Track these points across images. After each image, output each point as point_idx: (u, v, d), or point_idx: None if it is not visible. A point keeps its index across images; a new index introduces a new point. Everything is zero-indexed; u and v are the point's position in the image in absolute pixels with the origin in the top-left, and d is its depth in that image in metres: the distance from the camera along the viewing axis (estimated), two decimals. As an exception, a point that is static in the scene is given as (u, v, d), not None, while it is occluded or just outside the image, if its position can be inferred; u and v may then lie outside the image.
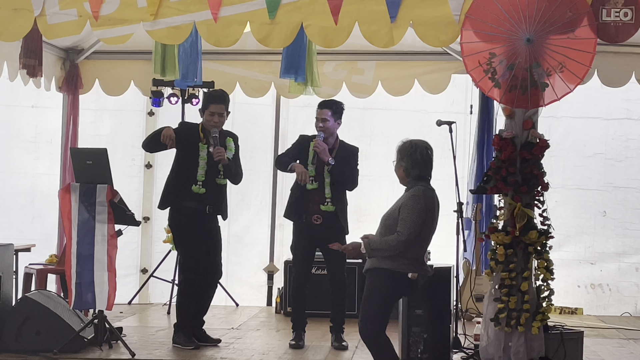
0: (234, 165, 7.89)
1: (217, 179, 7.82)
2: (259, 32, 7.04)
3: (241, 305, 10.31)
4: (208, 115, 7.80)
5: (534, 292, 6.74)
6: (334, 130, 8.06)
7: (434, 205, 6.51)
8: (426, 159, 6.56)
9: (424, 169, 6.56)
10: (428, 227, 6.45)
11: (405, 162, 6.54)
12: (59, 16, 7.09)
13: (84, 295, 7.28)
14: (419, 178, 6.53)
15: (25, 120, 10.82)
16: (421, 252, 6.49)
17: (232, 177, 7.92)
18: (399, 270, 6.36)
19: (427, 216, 6.41)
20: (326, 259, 8.08)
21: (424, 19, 6.90)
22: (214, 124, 7.78)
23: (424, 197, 6.43)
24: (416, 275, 6.40)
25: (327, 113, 8.01)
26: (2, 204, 10.75)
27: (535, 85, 6.64)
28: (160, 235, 10.37)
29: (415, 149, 6.54)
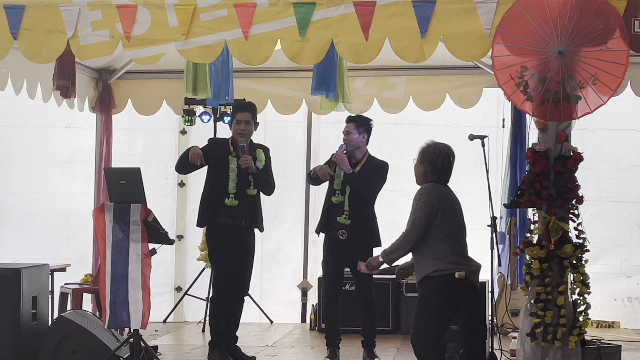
0: (264, 175, 7.90)
1: (247, 190, 7.83)
2: (290, 50, 7.06)
3: (275, 322, 10.31)
4: (235, 124, 7.86)
5: (570, 307, 6.69)
6: (358, 144, 8.05)
7: (446, 198, 6.44)
8: (447, 166, 6.53)
9: (442, 175, 6.53)
10: (446, 220, 6.38)
11: (425, 167, 6.52)
12: (92, 37, 7.14)
13: (119, 314, 7.30)
14: (435, 182, 6.50)
15: (59, 141, 10.92)
16: (457, 249, 6.42)
17: (263, 187, 7.93)
18: (443, 271, 6.30)
19: (438, 207, 6.35)
20: (353, 276, 8.06)
21: (454, 34, 6.87)
22: (240, 131, 7.82)
23: (429, 190, 6.40)
24: (463, 274, 6.32)
25: (351, 126, 8.04)
26: (38, 224, 10.84)
27: (567, 98, 6.60)
28: (194, 253, 10.39)
29: (437, 155, 6.51)
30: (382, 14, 6.89)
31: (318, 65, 8.55)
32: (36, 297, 7.77)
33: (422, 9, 6.85)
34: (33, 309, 7.73)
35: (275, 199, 10.04)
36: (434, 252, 6.35)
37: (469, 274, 6.37)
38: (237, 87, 9.53)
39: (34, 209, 10.87)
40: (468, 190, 10.22)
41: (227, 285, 7.79)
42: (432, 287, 6.31)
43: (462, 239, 6.51)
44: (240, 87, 9.73)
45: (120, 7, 7.08)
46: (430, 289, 6.33)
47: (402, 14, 6.88)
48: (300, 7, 6.97)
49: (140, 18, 7.08)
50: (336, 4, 6.96)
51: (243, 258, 7.85)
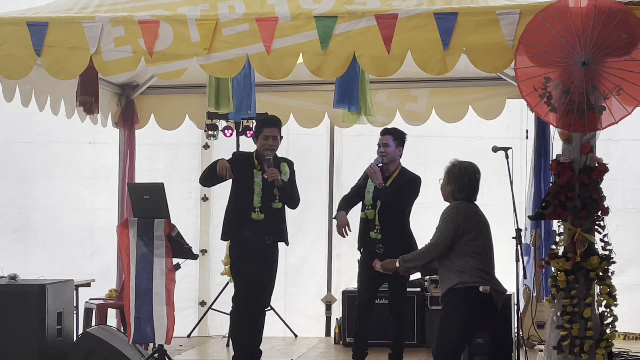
0: (289, 188, 7.89)
1: (273, 204, 7.82)
2: (312, 63, 7.05)
3: (300, 336, 10.28)
4: (262, 139, 7.83)
5: (597, 319, 6.64)
6: (394, 157, 8.04)
7: (474, 216, 6.45)
8: (473, 184, 6.55)
9: (470, 193, 6.54)
10: (473, 238, 6.36)
11: (453, 186, 6.53)
12: (114, 53, 7.16)
13: (143, 330, 7.31)
14: (464, 200, 6.50)
15: (83, 157, 10.97)
16: (484, 264, 6.39)
17: (288, 201, 7.91)
18: (467, 284, 6.28)
19: (465, 224, 6.35)
20: (389, 289, 8.02)
21: (477, 45, 6.84)
22: (268, 147, 7.81)
23: (457, 207, 6.42)
24: (488, 289, 6.29)
25: (389, 139, 8.03)
26: (62, 239, 10.88)
27: (592, 109, 6.56)
28: (218, 268, 10.39)
29: (464, 174, 6.52)
30: (404, 27, 6.87)
31: (340, 78, 8.54)
32: (61, 313, 7.81)
33: (444, 20, 6.82)
34: (58, 325, 7.76)
35: (299, 212, 10.01)
36: (459, 266, 6.34)
37: (493, 292, 6.34)
38: (260, 101, 9.53)
39: (58, 224, 10.92)
40: (492, 202, 10.15)
41: (246, 299, 7.76)
42: (456, 299, 6.29)
43: (489, 258, 6.48)
44: (262, 101, 9.74)
45: (143, 22, 7.10)
46: (453, 301, 6.31)
47: (424, 26, 6.86)
48: (322, 20, 6.96)
49: (162, 33, 7.09)
50: (358, 17, 6.95)
51: (264, 272, 7.83)
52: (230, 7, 7.17)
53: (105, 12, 7.25)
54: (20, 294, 7.71)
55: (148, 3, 7.36)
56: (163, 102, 10.42)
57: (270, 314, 9.60)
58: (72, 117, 9.31)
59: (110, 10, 7.27)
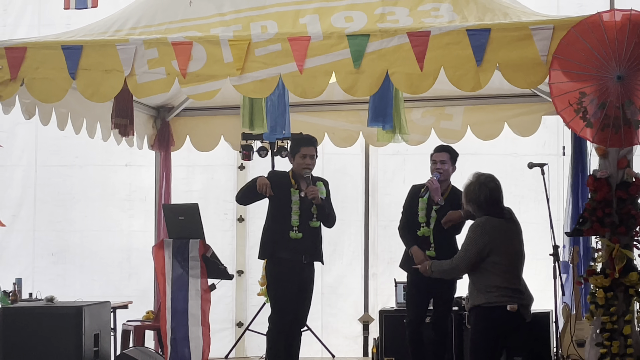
0: (327, 206, 7.88)
1: (310, 222, 7.81)
2: (345, 82, 7.04)
3: (337, 356, 10.23)
4: (300, 159, 7.83)
5: (637, 336, 6.54)
6: (449, 174, 8.04)
7: (498, 232, 6.37)
8: (492, 199, 6.47)
9: (491, 209, 6.46)
10: (499, 254, 6.30)
11: (472, 206, 6.50)
12: (148, 75, 7.20)
13: (180, 351, 7.32)
14: (489, 215, 6.45)
15: (119, 179, 11.02)
16: (511, 281, 6.33)
17: (325, 219, 7.91)
18: (494, 304, 6.23)
19: (489, 243, 6.28)
20: (434, 307, 7.98)
21: (510, 61, 6.79)
22: (306, 166, 7.81)
23: (483, 225, 6.35)
24: (516, 307, 6.24)
25: (446, 156, 8.03)
26: (100, 262, 10.93)
27: (628, 124, 6.49)
28: (255, 289, 10.38)
29: (480, 191, 6.47)
30: (437, 44, 6.85)
31: (374, 96, 8.51)
32: (98, 335, 7.83)
33: (477, 37, 6.79)
34: (95, 347, 7.79)
35: (335, 232, 9.99)
36: (486, 285, 6.29)
37: (521, 307, 6.30)
38: (294, 121, 9.52)
39: (96, 247, 10.97)
40: (530, 220, 10.05)
41: (283, 319, 7.74)
42: (484, 319, 6.25)
43: (517, 271, 6.42)
44: (296, 121, 9.74)
45: (176, 44, 7.14)
46: (481, 322, 6.26)
47: (457, 42, 6.83)
48: (354, 39, 6.96)
49: (195, 55, 7.12)
50: (390, 35, 6.93)
51: (301, 292, 7.81)
52: (263, 27, 7.20)
53: (139, 34, 7.31)
54: (57, 315, 7.75)
55: (181, 25, 7.40)
56: (198, 124, 10.46)
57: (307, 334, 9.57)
58: (108, 140, 9.36)
59: (144, 33, 7.33)
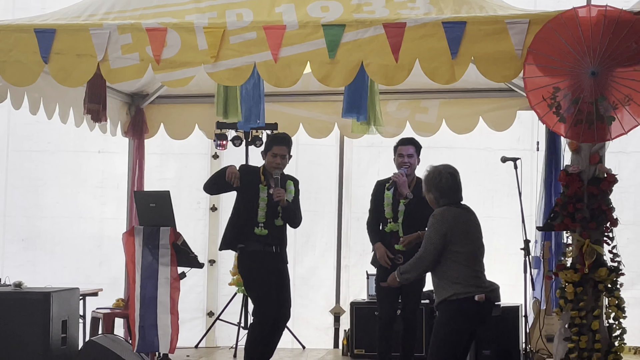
0: (293, 208, 7.85)
1: (275, 220, 7.78)
2: (319, 72, 7.01)
3: (308, 347, 10.22)
4: (270, 157, 7.79)
5: (605, 331, 6.56)
6: (415, 167, 8.03)
7: (459, 221, 6.31)
8: (453, 185, 6.41)
9: (452, 195, 6.40)
10: (462, 243, 6.25)
11: (434, 193, 6.43)
12: (122, 60, 7.14)
13: (148, 338, 7.28)
14: (448, 204, 6.40)
15: (92, 166, 10.95)
16: (476, 271, 6.29)
17: (290, 220, 7.87)
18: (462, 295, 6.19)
19: (451, 232, 6.23)
20: (402, 300, 7.96)
21: (485, 55, 6.79)
22: (275, 165, 7.77)
23: (442, 215, 6.30)
24: (483, 297, 6.20)
25: (412, 149, 8.02)
26: (70, 249, 10.86)
27: (601, 119, 6.50)
28: (226, 278, 10.35)
29: (440, 178, 6.40)
30: (412, 36, 6.83)
31: (349, 87, 8.50)
32: (66, 321, 7.78)
33: (453, 30, 6.78)
34: (63, 333, 7.73)
35: (308, 223, 9.98)
36: (452, 276, 6.23)
37: (488, 294, 6.26)
38: (269, 111, 9.48)
39: (67, 233, 10.90)
40: (502, 214, 10.14)
41: (268, 312, 7.67)
42: (452, 310, 6.19)
43: (479, 262, 6.37)
44: (272, 111, 9.70)
45: (150, 30, 7.08)
46: (449, 312, 6.20)
47: (433, 35, 6.82)
48: (329, 29, 6.93)
49: (170, 41, 7.07)
50: (366, 26, 6.91)
51: (280, 283, 7.77)
52: (238, 15, 7.15)
53: (113, 19, 7.25)
54: (25, 301, 7.69)
55: (156, 11, 7.34)
56: (173, 112, 10.40)
57: (278, 325, 9.57)
58: (81, 126, 9.29)
59: (118, 18, 7.26)
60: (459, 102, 9.98)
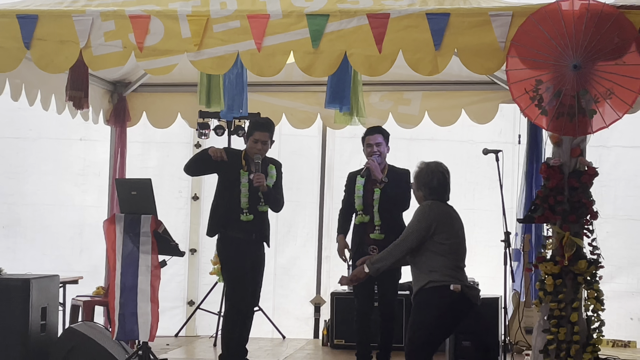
0: (274, 193, 7.85)
1: (258, 206, 7.78)
2: (303, 62, 7.01)
3: (288, 337, 10.23)
4: (252, 142, 7.79)
5: (583, 323, 6.59)
6: (385, 155, 8.02)
7: (445, 215, 6.36)
8: (443, 184, 6.48)
9: (441, 193, 6.47)
10: (444, 237, 6.27)
11: (423, 191, 6.48)
12: (104, 47, 7.11)
13: (127, 326, 7.26)
14: (436, 200, 6.44)
15: (73, 153, 10.91)
16: (455, 263, 6.31)
17: (272, 205, 7.88)
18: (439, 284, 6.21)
19: (436, 223, 6.26)
20: (379, 290, 7.96)
21: (468, 47, 6.81)
22: (257, 150, 7.77)
23: (430, 206, 6.35)
24: (459, 287, 6.21)
25: (380, 137, 8.00)
26: (51, 236, 10.83)
27: (583, 113, 6.53)
28: (207, 267, 10.35)
29: (432, 176, 6.46)
30: (396, 26, 6.84)
31: (332, 78, 8.49)
32: (45, 308, 7.75)
33: (436, 21, 6.79)
34: (42, 320, 7.71)
35: (289, 213, 10.00)
36: (430, 265, 6.26)
37: (465, 288, 6.27)
38: (252, 100, 9.47)
39: (48, 221, 10.86)
40: (483, 207, 10.17)
41: (241, 297, 7.71)
42: (426, 299, 6.21)
43: (461, 257, 6.40)
44: (255, 100, 9.69)
45: (133, 17, 7.06)
46: (425, 301, 6.22)
47: (416, 26, 6.83)
48: (313, 18, 6.93)
49: (153, 29, 7.05)
50: (350, 16, 6.91)
51: (254, 271, 7.81)
52: (222, 3, 7.13)
53: (96, 6, 7.21)
54: (5, 287, 7.65)
55: (139, -2, 7.33)
56: (155, 100, 10.37)
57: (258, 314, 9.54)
58: (63, 113, 9.24)
59: (101, 5, 7.23)
60: (441, 95, 9.99)
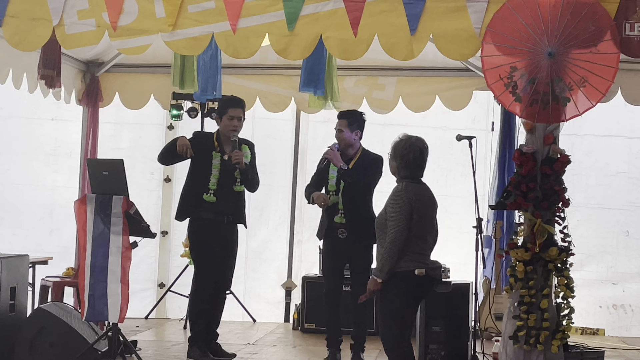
0: (251, 172, 7.83)
1: (234, 186, 7.76)
2: (278, 44, 6.97)
3: (258, 321, 10.23)
4: (227, 120, 7.76)
5: (553, 310, 6.62)
6: (351, 141, 7.92)
7: (420, 198, 6.27)
8: (419, 161, 6.38)
9: (414, 170, 6.37)
10: (417, 220, 6.21)
11: (398, 162, 6.39)
12: (77, 26, 7.05)
13: (97, 307, 7.21)
14: (408, 177, 6.36)
15: (44, 133, 10.81)
16: (420, 247, 6.25)
17: (249, 184, 7.86)
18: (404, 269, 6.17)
19: (412, 209, 6.19)
20: (351, 276, 7.94)
21: (444, 32, 6.80)
22: (233, 127, 7.74)
23: (406, 190, 6.25)
24: (423, 271, 6.17)
25: (342, 124, 7.93)
26: (21, 216, 10.73)
27: (556, 100, 6.54)
28: (178, 250, 10.33)
29: (409, 150, 6.36)
30: (372, 10, 6.82)
31: (307, 61, 8.48)
32: (14, 288, 7.68)
33: (412, 6, 6.77)
34: (11, 300, 7.64)
35: (262, 197, 9.98)
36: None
37: (429, 270, 6.23)
38: (226, 83, 9.44)
39: (18, 201, 10.76)
40: (456, 193, 10.18)
41: (207, 280, 7.73)
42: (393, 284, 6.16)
43: (429, 239, 6.33)
44: (229, 83, 9.65)
45: (108, -4, 7.00)
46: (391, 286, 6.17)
47: (392, 10, 6.80)
48: (289, 1, 6.88)
49: (127, 8, 6.99)
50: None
51: (225, 253, 7.79)
52: (197, -16, 7.08)
53: (70, -17, 7.14)
54: (-28, 267, 7.59)
55: (113, -24, 7.25)
56: (128, 81, 10.30)
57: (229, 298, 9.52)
58: (35, 92, 9.15)
59: (75, -18, 7.16)
60: (416, 80, 10.00)
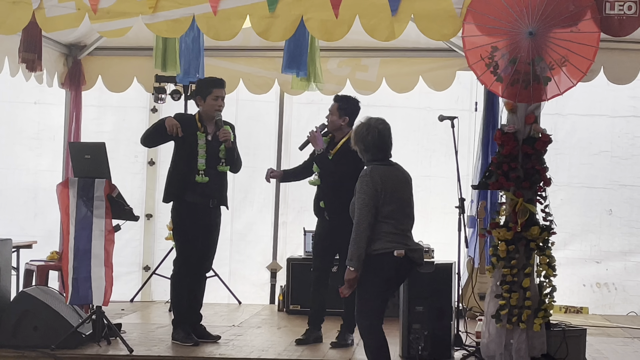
0: (236, 151, 7.84)
1: (218, 166, 7.76)
2: (259, 26, 6.98)
3: (244, 303, 10.24)
4: (211, 100, 7.74)
5: (535, 289, 6.67)
6: (337, 125, 7.90)
7: (386, 180, 6.15)
8: (379, 141, 6.25)
9: (376, 152, 6.27)
10: (387, 202, 6.12)
11: (359, 146, 6.31)
12: (58, 9, 7.05)
13: (81, 291, 7.22)
14: (374, 160, 6.28)
15: (27, 117, 10.78)
16: (398, 227, 6.17)
17: (234, 163, 7.85)
18: (382, 251, 6.12)
19: (380, 191, 6.10)
20: (340, 256, 7.94)
21: (425, 12, 6.82)
22: (218, 107, 7.74)
23: (371, 174, 6.15)
24: (402, 252, 6.11)
25: (333, 107, 7.89)
26: (4, 200, 10.71)
27: (537, 80, 6.56)
28: (163, 233, 10.32)
29: (367, 132, 6.26)
30: (353, -9, 6.83)
31: (289, 43, 8.47)
32: (-2, 272, 7.68)
33: (393, -14, 6.79)
34: (-6, 284, 7.64)
35: (246, 179, 9.98)
36: (373, 232, 6.12)
37: (409, 252, 6.18)
38: (209, 65, 9.43)
39: (1, 185, 10.74)
40: (440, 174, 10.21)
41: (188, 262, 7.73)
42: (371, 265, 6.11)
43: (403, 219, 6.24)
44: (212, 65, 9.63)
45: (87, -22, 6.98)
46: (369, 267, 6.11)
47: (373, -9, 6.82)
48: (270, -18, 6.89)
49: (107, -10, 6.99)
50: (307, -20, 6.88)
51: (207, 235, 7.79)
52: (178, -35, 7.07)
53: (50, -35, 7.12)
54: (-44, 251, 7.58)
55: (93, -41, 7.22)
56: (111, 64, 10.26)
57: (214, 280, 9.55)
58: (17, 76, 9.11)
59: (55, -36, 7.14)
60: (399, 61, 10.00)
